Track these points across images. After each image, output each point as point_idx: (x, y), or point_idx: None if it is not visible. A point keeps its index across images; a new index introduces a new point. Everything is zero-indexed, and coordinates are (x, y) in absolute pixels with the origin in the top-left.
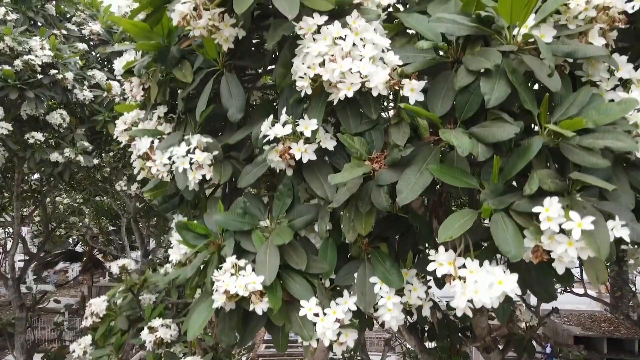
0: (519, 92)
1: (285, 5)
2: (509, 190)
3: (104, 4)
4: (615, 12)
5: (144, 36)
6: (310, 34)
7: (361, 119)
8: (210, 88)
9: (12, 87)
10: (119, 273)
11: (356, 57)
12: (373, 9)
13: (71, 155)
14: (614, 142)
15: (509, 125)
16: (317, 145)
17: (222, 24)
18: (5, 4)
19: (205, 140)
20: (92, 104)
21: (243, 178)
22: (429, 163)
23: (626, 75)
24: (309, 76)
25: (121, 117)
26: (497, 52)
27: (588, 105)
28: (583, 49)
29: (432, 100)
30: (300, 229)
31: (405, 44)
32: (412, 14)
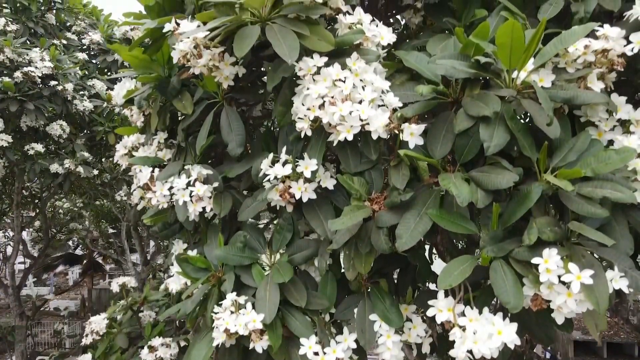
0: (518, 139)
1: (285, 49)
2: (509, 235)
3: (104, 12)
4: (614, 55)
5: (145, 67)
6: (310, 76)
7: (361, 158)
8: (210, 121)
9: (12, 99)
10: (119, 291)
11: (356, 99)
12: (372, 50)
13: (71, 166)
14: (613, 193)
15: (508, 173)
16: (317, 184)
17: (222, 64)
18: (5, 15)
19: (206, 172)
20: (92, 114)
21: (243, 211)
22: (429, 207)
23: (625, 116)
24: (308, 118)
25: (121, 141)
26: (496, 98)
27: (587, 152)
28: (582, 96)
29: (432, 142)
30: (300, 264)
31: (405, 82)
32: (412, 53)
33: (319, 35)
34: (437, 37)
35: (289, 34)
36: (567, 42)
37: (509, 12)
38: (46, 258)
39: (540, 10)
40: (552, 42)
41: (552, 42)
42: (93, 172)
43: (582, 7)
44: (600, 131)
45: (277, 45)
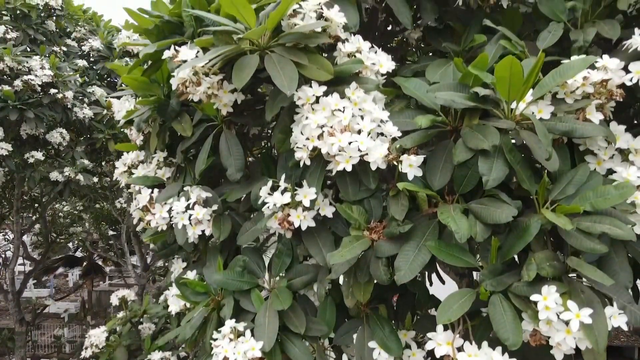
0: (517, 171)
1: (284, 81)
2: (508, 268)
3: (104, 17)
4: (613, 86)
5: (144, 89)
6: (308, 105)
7: (360, 186)
8: (209, 144)
9: (12, 108)
10: (118, 305)
11: (355, 129)
12: (372, 78)
13: (71, 174)
14: (612, 229)
15: (507, 207)
16: (316, 212)
17: (220, 91)
18: (5, 22)
19: (205, 195)
20: (92, 122)
21: (242, 235)
22: (427, 239)
23: (624, 145)
24: (307, 147)
25: (121, 159)
26: (495, 131)
27: (586, 184)
28: (580, 129)
29: (431, 172)
30: (300, 289)
31: (404, 108)
32: (411, 79)
33: (318, 64)
34: (436, 63)
35: (287, 64)
36: (566, 74)
37: (507, 41)
38: (46, 261)
39: (539, 37)
40: (551, 74)
41: (551, 73)
42: (93, 180)
43: (581, 35)
44: (600, 160)
45: (276, 76)
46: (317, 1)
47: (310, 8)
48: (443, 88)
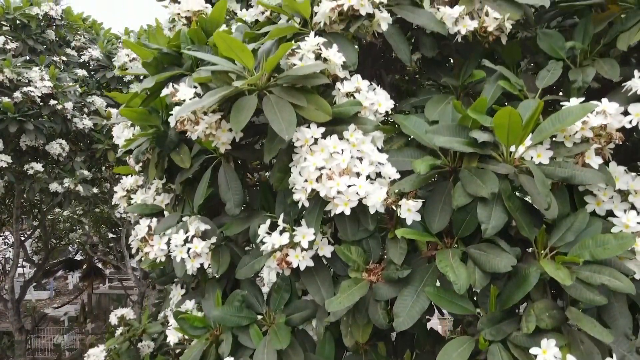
0: (516, 218)
1: (282, 125)
2: (507, 316)
3: (104, 25)
4: (612, 129)
5: (143, 120)
6: (307, 146)
7: (358, 226)
8: (208, 177)
9: (12, 120)
10: (117, 324)
11: (353, 171)
12: (370, 119)
13: (70, 186)
14: (611, 281)
15: (506, 255)
16: (315, 252)
17: (219, 131)
18: (5, 32)
19: (204, 227)
20: (91, 132)
21: (241, 269)
22: (426, 284)
23: (624, 186)
24: (306, 189)
25: (120, 183)
26: (493, 177)
27: (586, 231)
28: (580, 175)
29: (430, 215)
30: (298, 324)
31: (403, 146)
32: (410, 117)
33: (316, 105)
34: (434, 100)
35: (285, 106)
36: (565, 120)
37: (506, 81)
38: (46, 264)
39: (538, 75)
40: (550, 119)
41: (550, 118)
42: (92, 190)
43: (580, 76)
44: (599, 200)
45: (274, 120)
46: (316, 42)
47: (308, 49)
48: (442, 130)
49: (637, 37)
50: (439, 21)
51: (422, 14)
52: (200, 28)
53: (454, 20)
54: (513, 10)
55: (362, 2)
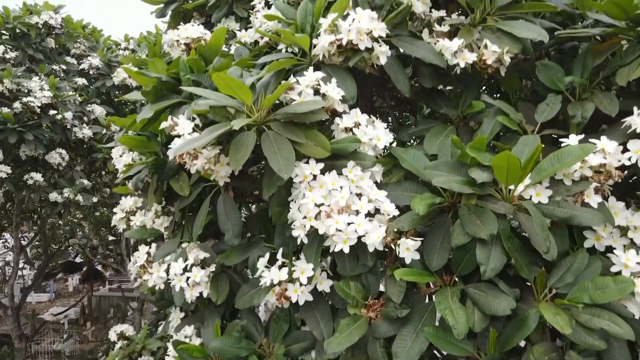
0: (515, 259)
1: (281, 163)
2: (506, 357)
3: (103, 32)
4: (612, 168)
5: (142, 147)
6: (306, 182)
7: (357, 261)
8: (207, 206)
9: (11, 131)
10: (117, 340)
11: (352, 208)
12: (369, 154)
13: (70, 195)
14: (611, 326)
15: (505, 298)
16: (313, 287)
17: (217, 165)
18: (4, 41)
19: (203, 255)
20: (91, 141)
21: (240, 299)
22: (425, 324)
23: (623, 222)
24: (304, 226)
25: (119, 204)
26: (492, 217)
27: (585, 272)
28: (579, 216)
29: (429, 252)
30: (297, 356)
31: (402, 179)
32: (408, 151)
33: (315, 141)
34: (433, 132)
35: (284, 144)
36: (564, 161)
37: (505, 117)
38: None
39: (537, 109)
40: (549, 159)
41: (549, 158)
42: (92, 200)
43: (579, 111)
44: (598, 236)
45: (273, 159)
46: (314, 78)
47: (307, 84)
48: (441, 166)
49: (636, 73)
50: (437, 53)
51: (421, 46)
52: (200, 55)
53: (453, 52)
54: (512, 43)
55: (361, 37)
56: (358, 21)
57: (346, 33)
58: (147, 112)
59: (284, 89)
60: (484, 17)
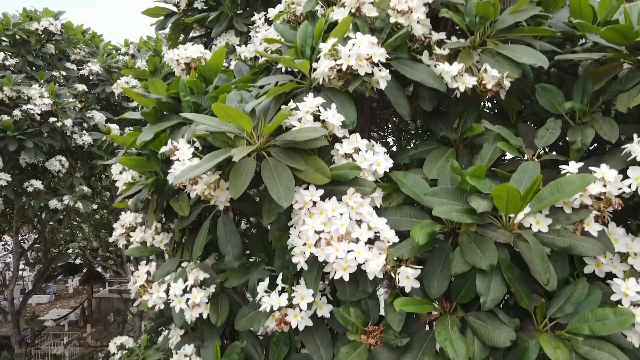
0: (515, 289)
1: (281, 192)
2: None
3: (103, 37)
4: (612, 196)
5: (142, 167)
6: (306, 209)
7: (357, 287)
8: (207, 229)
9: (11, 138)
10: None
11: (352, 235)
12: (369, 181)
13: (70, 203)
14: (611, 359)
15: (505, 329)
16: (313, 312)
17: (217, 190)
18: (4, 48)
19: (203, 276)
20: (91, 147)
21: (240, 320)
22: (425, 353)
23: (623, 249)
24: (305, 253)
25: (119, 220)
26: (492, 247)
27: (585, 301)
28: (579, 246)
29: (428, 279)
30: None
31: (401, 204)
32: (408, 175)
33: (315, 167)
34: (433, 155)
35: (284, 171)
36: (564, 191)
37: (505, 143)
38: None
39: (537, 134)
40: (549, 188)
41: (549, 187)
42: (92, 207)
43: (579, 137)
44: (598, 262)
45: (273, 187)
46: (314, 104)
47: (307, 110)
48: (441, 193)
49: (636, 100)
50: (437, 77)
51: (421, 69)
52: (200, 75)
53: (453, 76)
54: (512, 68)
55: (361, 63)
56: (358, 47)
57: (346, 59)
58: (147, 133)
59: (284, 118)
60: (484, 39)
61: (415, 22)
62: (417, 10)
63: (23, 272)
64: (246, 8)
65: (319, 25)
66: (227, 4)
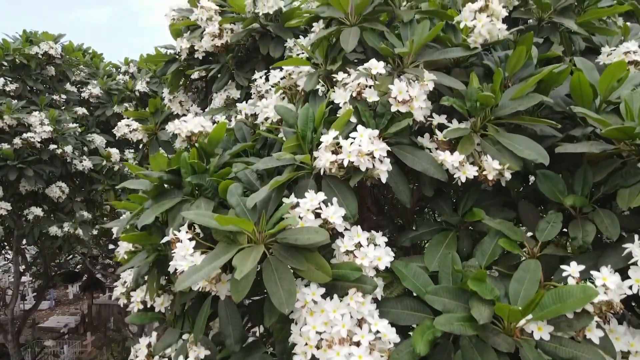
0: None
1: (282, 298)
2: None
3: (104, 57)
4: (614, 302)
5: (144, 241)
6: (307, 307)
7: None
8: (208, 308)
9: (11, 168)
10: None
11: (354, 337)
12: (370, 279)
13: (70, 230)
14: None
15: None
16: None
17: (219, 284)
18: (4, 72)
19: (204, 354)
20: (91, 172)
21: None
22: None
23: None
24: (306, 354)
25: (120, 278)
26: (493, 355)
27: None
28: (581, 356)
29: None
30: None
31: (402, 295)
32: (409, 266)
33: (316, 265)
34: (434, 243)
35: (286, 273)
36: (566, 302)
37: (505, 240)
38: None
39: (538, 227)
40: (551, 296)
41: (551, 295)
42: (92, 232)
43: (580, 233)
44: None
45: (274, 292)
46: (316, 202)
47: (307, 208)
48: (442, 293)
49: (637, 200)
50: (438, 166)
51: (422, 157)
52: (201, 149)
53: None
54: (513, 160)
55: (362, 160)
56: (359, 143)
57: (347, 154)
58: (148, 216)
59: (285, 226)
60: (485, 124)
61: (416, 109)
62: (418, 99)
63: (22, 277)
64: (247, 61)
65: (320, 111)
66: (228, 59)
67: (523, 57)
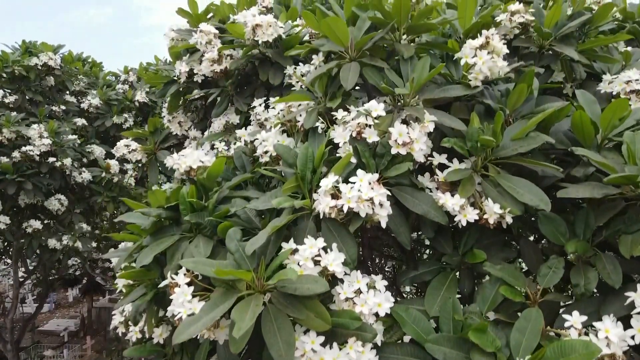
0: None
1: (281, 350)
2: None
3: (104, 65)
4: (618, 354)
5: (142, 277)
6: (306, 356)
7: None
8: (206, 347)
9: (10, 181)
10: None
11: None
12: (370, 327)
13: (69, 243)
14: None
15: None
16: None
17: (217, 330)
18: (3, 84)
19: None
20: (90, 184)
21: None
22: None
23: None
24: None
25: (118, 309)
26: None
27: None
28: None
29: None
30: None
31: (403, 338)
32: (409, 311)
33: (316, 312)
34: (434, 286)
35: (284, 323)
36: (569, 358)
37: (507, 288)
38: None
39: (539, 272)
40: (553, 350)
41: (553, 349)
42: (91, 245)
43: (582, 280)
44: None
45: (273, 343)
46: (315, 250)
47: (306, 256)
48: (442, 342)
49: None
50: (439, 208)
51: (422, 199)
52: (200, 184)
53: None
54: (514, 205)
55: (362, 206)
56: (358, 189)
57: (346, 200)
58: (146, 255)
59: (283, 277)
60: (485, 164)
61: (417, 151)
62: (419, 140)
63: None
64: (246, 85)
65: (320, 151)
66: (227, 85)
67: (524, 94)
